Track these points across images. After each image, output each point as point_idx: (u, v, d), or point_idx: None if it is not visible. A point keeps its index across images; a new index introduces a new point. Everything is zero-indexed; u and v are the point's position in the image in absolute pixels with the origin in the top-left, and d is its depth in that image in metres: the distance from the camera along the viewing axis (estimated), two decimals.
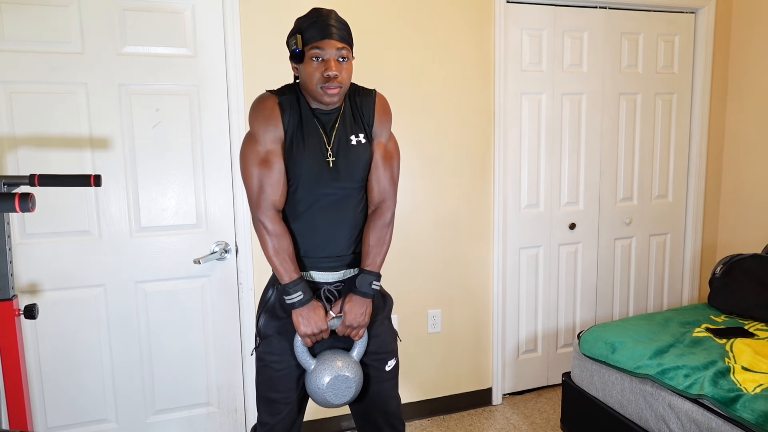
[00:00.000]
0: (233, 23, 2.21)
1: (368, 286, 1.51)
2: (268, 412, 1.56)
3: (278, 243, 1.45)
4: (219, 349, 2.35)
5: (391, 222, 1.56)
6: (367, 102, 1.53)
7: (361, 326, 1.52)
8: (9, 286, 1.55)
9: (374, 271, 1.52)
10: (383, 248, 1.54)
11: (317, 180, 1.47)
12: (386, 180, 1.55)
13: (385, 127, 1.56)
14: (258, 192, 1.45)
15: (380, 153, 1.54)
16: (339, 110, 1.51)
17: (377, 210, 1.56)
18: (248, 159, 1.46)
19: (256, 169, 1.44)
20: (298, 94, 1.50)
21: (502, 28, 2.62)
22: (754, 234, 3.06)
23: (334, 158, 1.48)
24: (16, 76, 2.00)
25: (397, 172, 1.59)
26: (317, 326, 1.47)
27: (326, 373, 1.47)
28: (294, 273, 1.46)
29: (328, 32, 1.39)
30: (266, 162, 1.44)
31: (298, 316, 1.46)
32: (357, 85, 1.58)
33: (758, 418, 1.67)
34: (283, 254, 1.46)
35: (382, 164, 1.54)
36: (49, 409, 2.16)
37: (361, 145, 1.51)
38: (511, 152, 2.77)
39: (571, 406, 2.43)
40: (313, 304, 1.47)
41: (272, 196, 1.45)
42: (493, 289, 2.80)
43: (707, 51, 3.05)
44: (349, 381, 1.48)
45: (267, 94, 1.49)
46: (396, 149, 1.59)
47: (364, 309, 1.51)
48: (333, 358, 1.50)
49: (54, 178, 1.65)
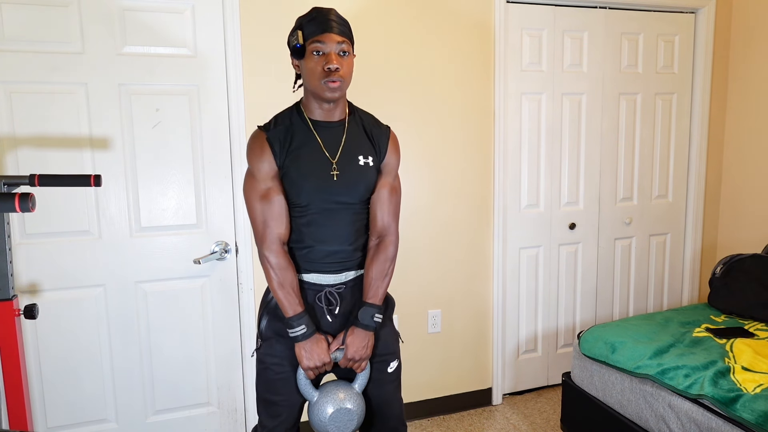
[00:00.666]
0: (233, 23, 2.21)
1: (370, 318, 1.52)
2: (268, 414, 1.56)
3: (283, 276, 1.47)
4: (219, 349, 2.35)
5: (394, 257, 1.59)
6: (381, 134, 1.58)
7: (363, 359, 1.53)
8: (9, 286, 1.55)
9: (376, 304, 1.54)
10: (385, 281, 1.56)
11: (320, 191, 1.48)
12: (390, 215, 1.58)
13: (395, 165, 1.61)
14: (263, 226, 1.48)
15: (387, 189, 1.58)
16: (344, 125, 1.53)
17: (380, 244, 1.58)
18: (250, 195, 1.50)
19: (258, 204, 1.48)
20: (294, 115, 1.52)
21: (502, 28, 2.62)
22: (754, 234, 3.06)
23: (338, 172, 1.50)
24: (16, 76, 2.00)
25: (399, 208, 1.63)
26: (320, 359, 1.48)
27: (329, 405, 1.49)
28: (298, 306, 1.48)
29: (328, 26, 1.41)
30: (266, 197, 1.47)
31: (301, 349, 1.47)
32: (368, 113, 1.62)
33: (758, 418, 1.67)
34: (287, 287, 1.47)
35: (387, 198, 1.58)
36: (49, 409, 2.16)
37: (369, 168, 1.54)
38: (511, 152, 2.77)
39: (571, 406, 2.43)
40: (316, 338, 1.49)
41: (276, 230, 1.48)
42: (493, 289, 2.80)
43: (707, 51, 3.05)
44: (351, 413, 1.50)
45: (256, 132, 1.51)
46: (399, 187, 1.64)
47: (366, 342, 1.52)
48: (335, 390, 1.52)
49: (54, 178, 1.65)
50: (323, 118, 1.51)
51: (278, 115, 1.54)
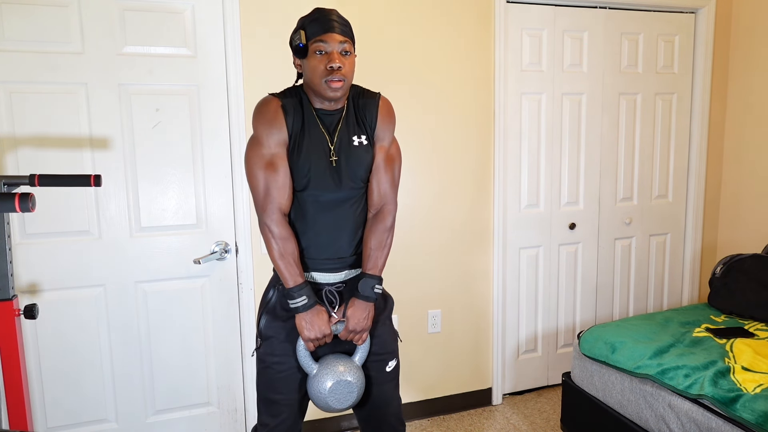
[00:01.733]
0: (233, 23, 2.21)
1: (370, 289, 1.51)
2: (268, 413, 1.56)
3: (284, 246, 1.46)
4: (219, 349, 2.35)
5: (392, 226, 1.57)
6: (370, 104, 1.54)
7: (364, 330, 1.52)
8: (9, 286, 1.55)
9: (376, 275, 1.53)
10: (384, 252, 1.54)
11: (320, 181, 1.47)
12: (387, 184, 1.55)
13: (387, 130, 1.56)
14: (264, 195, 1.45)
15: (382, 156, 1.55)
16: (342, 111, 1.52)
17: (378, 214, 1.56)
18: (253, 162, 1.46)
19: (262, 172, 1.45)
20: (301, 96, 1.50)
21: (502, 28, 2.62)
22: (754, 234, 3.06)
23: (336, 158, 1.48)
24: (16, 76, 2.00)
25: (398, 176, 1.59)
26: (321, 331, 1.47)
27: (328, 378, 1.48)
28: (299, 277, 1.47)
29: (330, 26, 1.41)
30: (272, 165, 1.45)
31: (302, 320, 1.46)
32: (362, 87, 1.58)
33: (758, 418, 1.67)
34: (288, 258, 1.46)
35: (383, 167, 1.54)
36: (49, 409, 2.16)
37: (362, 147, 1.51)
38: (511, 152, 2.77)
39: (571, 406, 2.43)
40: (317, 309, 1.48)
41: (279, 200, 1.46)
42: (493, 289, 2.80)
43: (707, 51, 3.05)
44: (351, 386, 1.49)
45: (270, 97, 1.49)
46: (398, 153, 1.59)
47: (366, 313, 1.51)
48: (335, 362, 1.50)
49: (54, 178, 1.65)
50: (323, 107, 1.50)
51: (288, 89, 1.52)
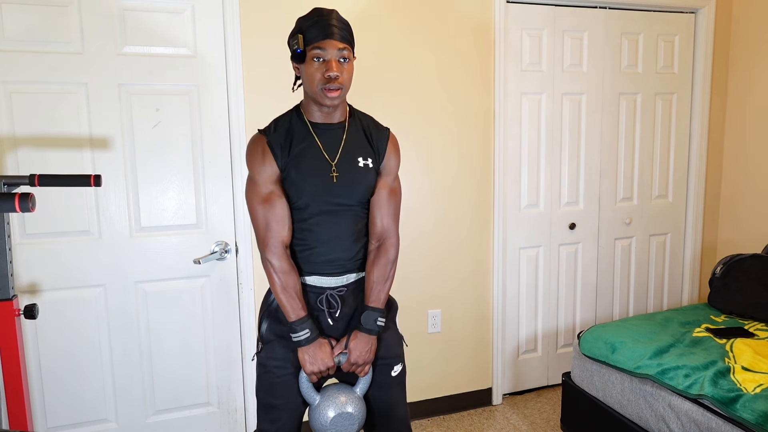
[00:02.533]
0: (233, 23, 2.21)
1: (373, 323, 1.52)
2: (268, 419, 1.55)
3: (285, 280, 1.47)
4: (219, 349, 2.35)
5: (395, 260, 1.58)
6: (381, 137, 1.57)
7: (366, 363, 1.52)
8: (9, 286, 1.55)
9: (378, 308, 1.53)
10: (387, 285, 1.56)
11: (321, 194, 1.48)
12: (389, 217, 1.57)
13: (394, 166, 1.60)
14: (265, 230, 1.48)
15: (386, 191, 1.57)
16: (344, 127, 1.53)
17: (381, 247, 1.57)
18: (252, 200, 1.49)
19: (261, 207, 1.48)
20: (294, 117, 1.52)
21: (502, 28, 2.62)
22: (754, 234, 3.06)
23: (338, 174, 1.49)
24: (16, 76, 2.00)
25: (399, 210, 1.62)
26: (324, 364, 1.48)
27: (330, 409, 1.49)
28: (301, 311, 1.47)
29: (329, 32, 1.39)
30: (268, 201, 1.47)
31: (305, 353, 1.47)
32: (368, 115, 1.61)
33: (758, 418, 1.67)
34: (290, 291, 1.47)
35: (386, 200, 1.57)
36: (49, 409, 2.16)
37: (368, 169, 1.53)
38: (511, 152, 2.77)
39: (571, 406, 2.43)
40: (319, 342, 1.48)
41: (279, 233, 1.47)
42: (493, 289, 2.80)
43: (707, 51, 3.05)
44: (353, 418, 1.50)
45: (257, 136, 1.51)
46: (399, 189, 1.63)
47: (369, 346, 1.51)
48: (337, 393, 1.52)
49: (54, 178, 1.65)
50: (323, 120, 1.51)
51: (278, 119, 1.54)
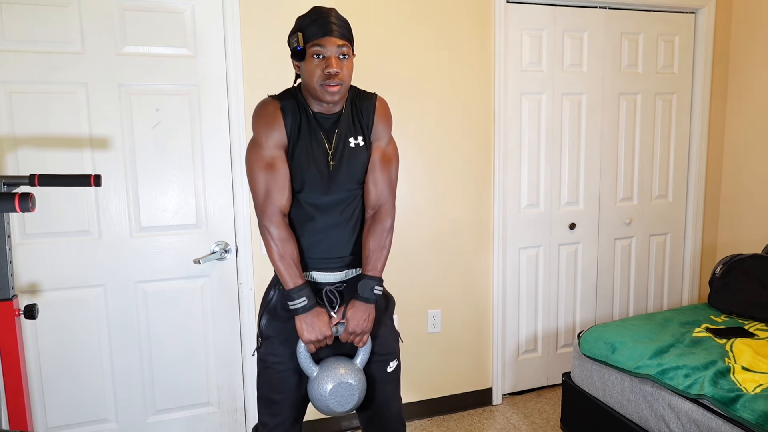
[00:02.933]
0: (233, 23, 2.21)
1: (370, 291, 1.51)
2: (269, 413, 1.56)
3: (283, 248, 1.45)
4: (219, 349, 2.35)
5: (391, 227, 1.56)
6: (367, 105, 1.54)
7: (365, 332, 1.51)
8: (9, 286, 1.55)
9: (376, 276, 1.52)
10: (383, 253, 1.54)
11: (319, 183, 1.48)
12: (383, 184, 1.55)
13: (384, 130, 1.56)
14: (264, 197, 1.46)
15: (378, 156, 1.54)
16: (339, 114, 1.52)
17: (376, 215, 1.56)
18: (253, 164, 1.46)
19: (262, 173, 1.45)
20: (299, 98, 1.50)
21: (502, 28, 2.62)
22: (754, 234, 3.06)
23: (334, 162, 1.49)
24: (16, 76, 2.00)
25: (396, 177, 1.58)
26: (321, 332, 1.47)
27: (329, 381, 1.46)
28: (298, 278, 1.46)
29: (328, 29, 1.40)
30: (271, 166, 1.45)
31: (302, 322, 1.46)
32: (359, 89, 1.58)
33: (758, 418, 1.67)
34: (288, 259, 1.46)
35: (379, 167, 1.54)
36: (49, 409, 2.16)
37: (360, 148, 1.52)
38: (511, 152, 2.77)
39: (571, 406, 2.43)
40: (317, 310, 1.47)
41: (279, 201, 1.46)
42: (493, 289, 2.80)
43: (707, 51, 3.05)
44: (352, 388, 1.47)
45: (268, 99, 1.49)
46: (395, 153, 1.59)
47: (366, 315, 1.50)
48: (336, 365, 1.49)
49: (54, 178, 1.65)
50: (321, 110, 1.50)
51: (286, 91, 1.52)
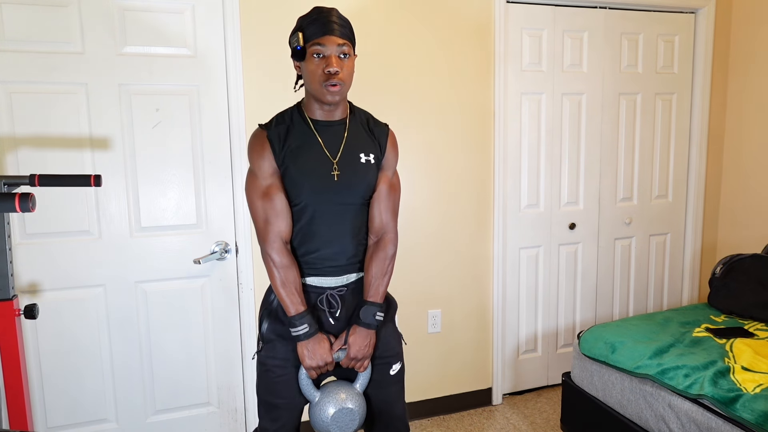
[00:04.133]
0: (233, 23, 2.21)
1: (372, 317, 1.52)
2: (269, 417, 1.56)
3: (285, 275, 1.47)
4: (219, 349, 2.35)
5: (394, 255, 1.59)
6: (381, 132, 1.59)
7: (366, 358, 1.52)
8: (9, 286, 1.55)
9: (377, 302, 1.53)
10: (385, 279, 1.56)
11: (321, 192, 1.48)
12: (388, 212, 1.58)
13: (393, 161, 1.61)
14: (264, 224, 1.48)
15: (386, 185, 1.58)
16: (345, 124, 1.53)
17: (380, 242, 1.57)
18: (252, 193, 1.50)
19: (260, 202, 1.48)
20: (294, 114, 1.52)
21: (502, 28, 2.62)
22: (754, 234, 3.06)
23: (339, 172, 1.49)
24: (16, 76, 2.00)
25: (398, 205, 1.63)
26: (322, 359, 1.48)
27: (330, 406, 1.48)
28: (300, 305, 1.47)
29: (329, 28, 1.40)
30: (267, 195, 1.48)
31: (304, 348, 1.47)
32: (366, 111, 1.62)
33: (758, 418, 1.67)
34: (290, 286, 1.47)
35: (385, 196, 1.57)
36: (49, 409, 2.16)
37: (371, 165, 1.54)
38: (511, 152, 2.77)
39: (571, 406, 2.43)
40: (319, 337, 1.48)
41: (278, 227, 1.48)
42: (493, 289, 2.80)
43: (707, 51, 3.05)
44: (353, 413, 1.49)
45: (257, 131, 1.52)
46: (399, 184, 1.64)
47: (368, 341, 1.51)
48: (337, 390, 1.51)
49: (54, 178, 1.65)
50: (324, 117, 1.51)
51: (279, 114, 1.54)
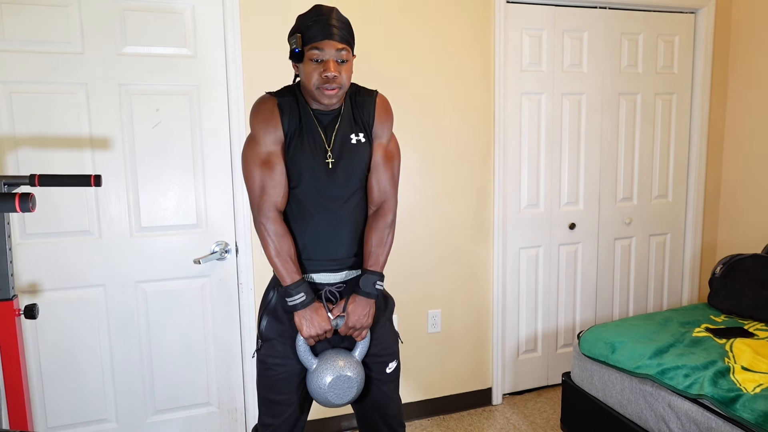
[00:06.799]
0: (233, 23, 2.21)
1: (372, 286, 1.50)
2: (269, 413, 1.56)
3: (279, 244, 1.45)
4: (219, 349, 2.35)
5: (393, 223, 1.56)
6: (367, 102, 1.53)
7: (364, 327, 1.51)
8: (9, 286, 1.55)
9: (377, 271, 1.52)
10: (385, 248, 1.54)
11: (318, 181, 1.47)
12: (386, 180, 1.55)
13: (385, 127, 1.55)
14: (260, 193, 1.45)
15: (380, 153, 1.54)
16: (339, 110, 1.51)
17: (378, 210, 1.56)
18: (250, 160, 1.46)
19: (258, 170, 1.45)
20: (297, 95, 1.50)
21: (502, 28, 2.62)
22: (754, 234, 3.06)
23: (334, 159, 1.48)
24: (16, 76, 2.00)
25: (398, 173, 1.58)
26: (321, 327, 1.47)
27: (328, 373, 1.47)
28: (296, 274, 1.46)
29: (328, 32, 1.38)
30: (267, 163, 1.44)
31: (301, 318, 1.46)
32: (359, 86, 1.57)
33: (758, 418, 1.67)
34: (284, 256, 1.45)
35: (382, 164, 1.54)
36: (49, 409, 2.16)
37: (361, 145, 1.51)
38: (511, 152, 2.77)
39: (571, 406, 2.43)
40: (315, 306, 1.47)
41: (274, 197, 1.45)
42: (493, 289, 2.80)
43: (707, 51, 3.05)
44: (351, 381, 1.48)
45: (266, 96, 1.49)
46: (397, 149, 1.59)
47: (367, 310, 1.51)
48: (335, 357, 1.50)
49: (54, 178, 1.65)
50: (321, 108, 1.49)
51: (284, 88, 1.52)
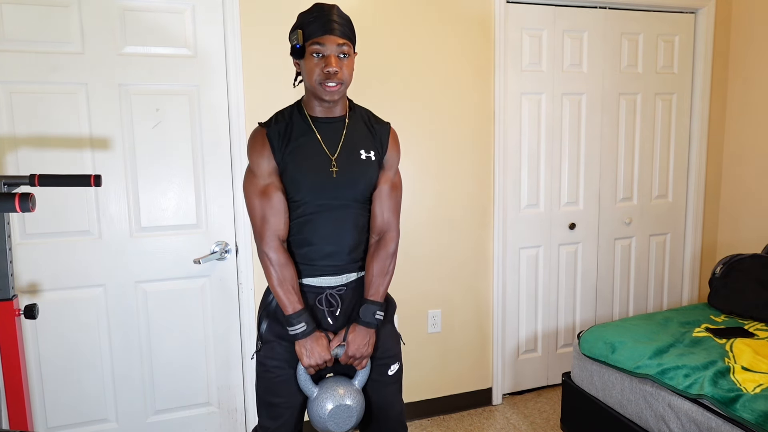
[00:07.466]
0: (233, 23, 2.21)
1: (372, 316, 1.52)
2: (268, 416, 1.56)
3: (282, 273, 1.47)
4: (219, 349, 2.35)
5: (395, 252, 1.59)
6: (383, 130, 1.58)
7: (364, 356, 1.52)
8: (9, 286, 1.55)
9: (377, 301, 1.53)
10: (386, 279, 1.56)
11: (320, 190, 1.48)
12: (390, 211, 1.58)
13: (395, 160, 1.61)
14: (261, 222, 1.48)
15: (387, 184, 1.57)
16: (344, 121, 1.52)
17: (381, 240, 1.57)
18: (249, 192, 1.50)
19: (258, 200, 1.48)
20: (295, 111, 1.52)
21: (502, 28, 2.62)
22: (754, 234, 3.06)
23: (337, 169, 1.49)
24: (16, 76, 2.00)
25: (400, 205, 1.62)
26: (321, 357, 1.48)
27: (328, 402, 1.49)
28: (297, 304, 1.47)
29: (329, 27, 1.39)
30: (265, 193, 1.47)
31: (302, 347, 1.47)
32: (367, 109, 1.62)
33: (758, 418, 1.67)
34: (287, 285, 1.47)
35: (387, 195, 1.57)
36: (49, 409, 2.16)
37: (371, 162, 1.53)
38: (511, 152, 2.77)
39: (571, 406, 2.43)
40: (316, 335, 1.48)
41: (275, 225, 1.47)
42: (493, 289, 2.80)
43: (707, 51, 3.05)
44: (351, 410, 1.49)
45: (257, 129, 1.52)
46: (400, 183, 1.63)
47: (367, 339, 1.51)
48: (335, 386, 1.51)
49: (54, 178, 1.65)
50: (323, 114, 1.51)
51: (279, 113, 1.54)
